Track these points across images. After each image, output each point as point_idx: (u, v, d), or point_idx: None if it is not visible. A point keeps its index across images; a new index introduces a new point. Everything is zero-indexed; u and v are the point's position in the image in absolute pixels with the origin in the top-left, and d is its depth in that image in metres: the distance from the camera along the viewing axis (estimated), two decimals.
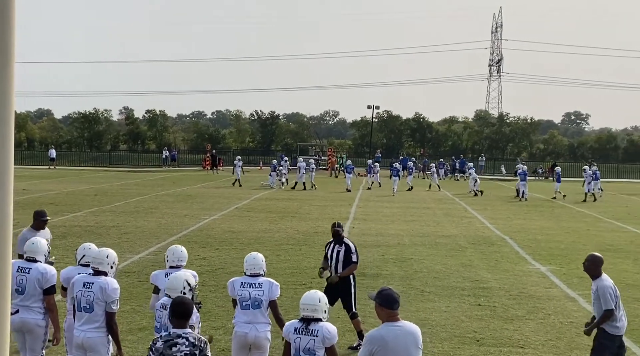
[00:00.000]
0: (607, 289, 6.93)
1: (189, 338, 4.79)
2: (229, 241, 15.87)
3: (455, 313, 10.28)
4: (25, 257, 6.71)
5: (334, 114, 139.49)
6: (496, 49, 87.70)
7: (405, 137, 78.38)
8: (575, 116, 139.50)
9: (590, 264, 7.18)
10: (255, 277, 6.63)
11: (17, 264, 6.56)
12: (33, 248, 6.72)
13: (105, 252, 6.54)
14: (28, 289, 6.51)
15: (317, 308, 5.34)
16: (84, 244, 7.31)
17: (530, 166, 58.44)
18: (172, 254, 6.96)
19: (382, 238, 17.71)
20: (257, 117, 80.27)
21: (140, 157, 63.03)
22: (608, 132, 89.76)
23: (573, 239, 18.29)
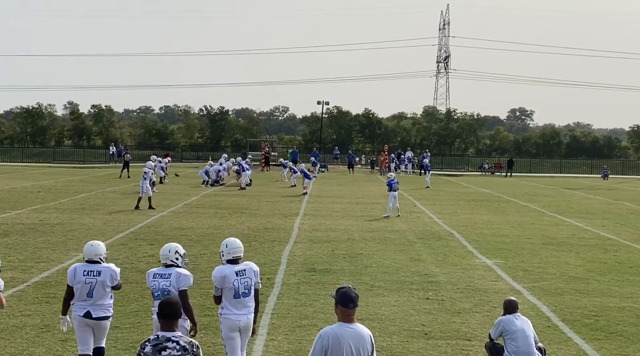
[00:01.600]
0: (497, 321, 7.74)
1: (179, 342, 4.57)
2: (178, 238, 15.67)
3: (404, 307, 10.42)
4: (87, 260, 7.08)
5: (284, 110, 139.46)
6: (444, 46, 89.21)
7: (355, 133, 78.89)
8: (520, 112, 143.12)
9: None
10: (168, 268, 6.80)
11: (83, 269, 7.00)
12: (95, 250, 7.09)
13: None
14: (97, 290, 6.95)
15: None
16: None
17: (477, 161, 59.70)
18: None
19: (332, 233, 17.79)
20: (206, 113, 79.49)
21: (85, 153, 61.61)
22: (552, 128, 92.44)
23: (518, 233, 18.76)
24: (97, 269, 6.97)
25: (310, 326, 9.15)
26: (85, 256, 7.11)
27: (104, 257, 7.11)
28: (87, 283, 6.91)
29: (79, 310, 6.95)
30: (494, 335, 7.68)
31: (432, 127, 79.22)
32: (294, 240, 16.51)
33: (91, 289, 6.91)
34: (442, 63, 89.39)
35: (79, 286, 6.94)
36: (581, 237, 18.31)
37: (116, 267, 7.14)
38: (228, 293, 6.76)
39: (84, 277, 6.92)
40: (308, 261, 13.91)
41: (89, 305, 6.92)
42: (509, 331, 7.49)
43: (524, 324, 7.56)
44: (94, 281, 6.91)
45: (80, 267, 7.02)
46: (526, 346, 7.40)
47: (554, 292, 11.66)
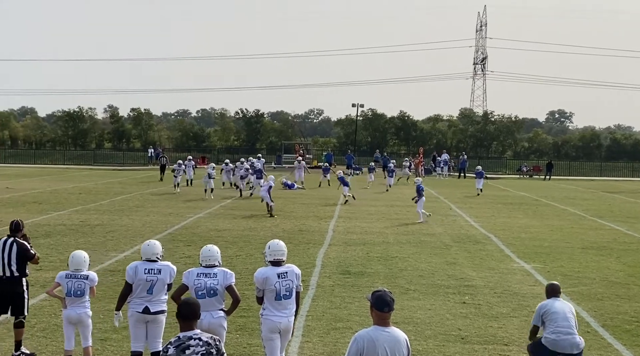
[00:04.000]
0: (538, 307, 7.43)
1: (201, 338, 4.64)
2: (214, 239, 15.83)
3: (440, 311, 10.33)
4: (146, 259, 7.29)
5: (319, 113, 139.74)
6: (481, 48, 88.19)
7: (390, 136, 78.56)
8: (559, 114, 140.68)
9: None
10: (210, 268, 6.95)
11: (143, 267, 7.21)
12: (152, 249, 7.31)
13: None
14: (157, 287, 7.18)
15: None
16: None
17: (515, 164, 58.88)
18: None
19: (367, 236, 17.75)
20: (242, 116, 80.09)
21: (125, 155, 62.67)
22: (591, 130, 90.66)
23: (557, 237, 18.44)
24: (157, 267, 7.24)
25: (345, 328, 9.15)
26: (143, 255, 7.34)
27: (160, 255, 7.37)
28: (148, 281, 7.17)
29: (137, 306, 7.18)
30: (535, 320, 7.32)
31: (469, 130, 78.39)
32: (329, 243, 16.52)
33: (152, 286, 7.16)
34: (479, 65, 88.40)
35: (140, 283, 7.17)
36: (622, 241, 17.91)
37: (173, 265, 7.37)
38: (269, 295, 6.84)
39: (146, 275, 7.17)
40: (343, 263, 13.91)
41: (147, 301, 7.16)
42: (549, 312, 7.16)
43: (565, 306, 7.24)
44: (155, 279, 7.16)
45: (140, 265, 7.24)
46: (567, 327, 7.05)
47: (593, 297, 11.44)
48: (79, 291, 7.48)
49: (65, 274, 7.57)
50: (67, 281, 7.50)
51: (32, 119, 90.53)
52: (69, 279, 7.51)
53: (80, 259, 7.68)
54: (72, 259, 7.70)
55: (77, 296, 7.48)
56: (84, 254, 7.80)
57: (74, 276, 7.52)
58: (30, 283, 11.54)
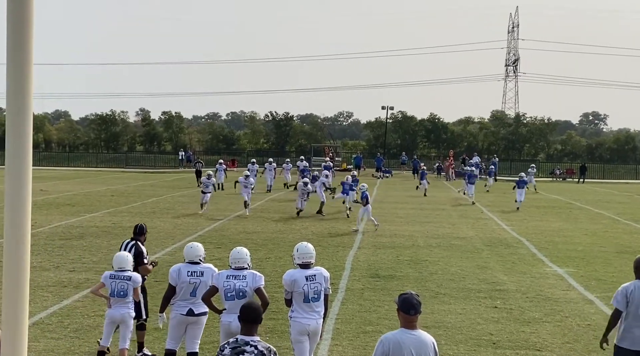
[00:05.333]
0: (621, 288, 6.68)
1: (257, 347, 4.62)
2: (243, 242, 15.90)
3: (471, 315, 10.22)
4: (189, 261, 7.40)
5: (348, 115, 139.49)
6: (512, 49, 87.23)
7: (420, 138, 78.12)
8: (593, 117, 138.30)
9: None
10: (240, 270, 6.97)
11: (187, 269, 7.31)
12: (195, 251, 7.41)
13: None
14: (200, 289, 7.20)
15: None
16: None
17: (547, 167, 58.09)
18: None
19: (396, 239, 17.65)
20: (271, 119, 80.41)
21: (156, 158, 63.40)
22: (626, 132, 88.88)
23: (591, 241, 18.12)
24: (200, 269, 7.32)
25: (375, 332, 9.09)
26: (186, 257, 7.43)
27: (203, 258, 7.46)
28: (191, 283, 7.25)
29: (181, 309, 7.27)
30: (619, 304, 6.56)
31: (500, 132, 77.54)
32: (358, 246, 16.47)
33: (195, 288, 7.23)
34: (511, 66, 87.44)
35: (183, 285, 7.25)
36: None
37: (215, 267, 7.43)
38: (298, 297, 6.85)
39: (189, 277, 7.25)
40: (372, 266, 13.85)
41: (191, 303, 7.24)
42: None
43: None
44: (198, 281, 7.23)
45: (184, 268, 7.34)
46: None
47: None
48: (122, 292, 7.56)
49: (110, 274, 7.66)
50: (111, 282, 7.59)
51: (65, 122, 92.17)
52: (113, 280, 7.60)
53: (123, 258, 7.77)
54: (115, 258, 7.81)
55: (120, 296, 7.56)
56: (126, 254, 7.92)
57: (118, 277, 7.61)
58: (63, 284, 11.78)
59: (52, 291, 11.28)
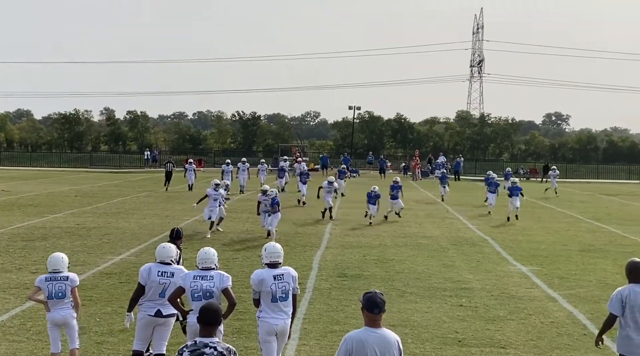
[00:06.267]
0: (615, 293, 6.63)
1: (217, 348, 4.59)
2: (211, 242, 15.80)
3: (437, 313, 10.32)
4: (160, 261, 7.33)
5: (315, 115, 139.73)
6: (477, 50, 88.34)
7: (387, 138, 78.64)
8: (556, 117, 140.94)
9: None
10: (207, 271, 6.94)
11: (157, 269, 7.24)
12: (167, 252, 7.37)
13: None
14: (170, 290, 7.13)
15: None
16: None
17: (512, 166, 58.98)
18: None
19: (363, 238, 17.73)
20: (238, 118, 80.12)
21: (121, 158, 62.58)
22: (588, 133, 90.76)
23: (554, 239, 18.45)
24: (170, 270, 7.25)
25: (342, 331, 9.10)
26: (157, 257, 7.36)
27: (174, 259, 7.40)
28: (161, 283, 7.17)
29: (149, 310, 7.19)
30: (614, 309, 6.51)
31: (466, 132, 78.50)
32: (325, 245, 16.50)
33: (164, 289, 7.16)
34: (475, 67, 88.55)
35: (152, 285, 7.17)
36: (619, 244, 17.92)
37: (185, 269, 7.35)
38: (266, 297, 6.85)
39: (159, 278, 7.19)
40: (339, 266, 13.89)
41: (160, 304, 7.17)
42: None
43: None
44: (167, 282, 7.18)
45: (154, 267, 7.26)
46: None
47: (590, 300, 11.43)
48: (60, 293, 7.35)
49: (45, 277, 7.43)
50: (47, 284, 7.37)
51: (28, 121, 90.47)
52: (49, 282, 7.37)
53: (57, 259, 7.52)
54: (49, 260, 7.58)
55: (58, 298, 7.35)
56: (61, 255, 7.66)
57: (54, 279, 7.39)
58: (25, 286, 11.54)
59: (14, 294, 11.06)
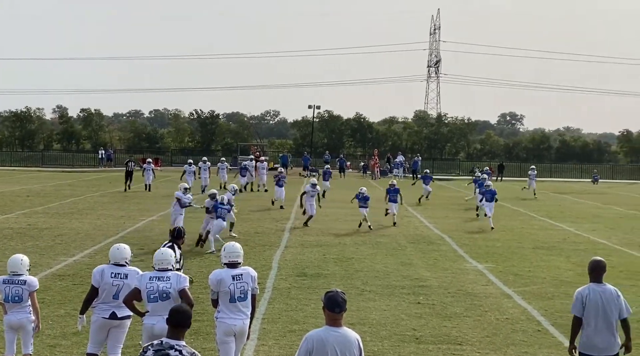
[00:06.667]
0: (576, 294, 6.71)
1: (182, 351, 4.52)
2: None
3: (395, 311, 10.39)
4: (114, 263, 7.19)
5: (275, 114, 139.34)
6: (434, 51, 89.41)
7: (346, 137, 78.96)
8: (510, 117, 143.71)
9: None
10: (163, 271, 6.84)
11: (110, 271, 7.10)
12: (121, 253, 7.19)
13: None
14: (123, 292, 7.00)
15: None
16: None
17: (468, 165, 59.88)
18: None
19: (323, 237, 17.75)
20: (196, 117, 79.32)
21: (74, 157, 61.29)
22: (541, 132, 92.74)
23: (508, 237, 18.79)
24: (124, 272, 7.11)
25: (301, 331, 9.09)
26: (111, 259, 7.21)
27: (129, 260, 7.25)
28: (114, 285, 7.03)
29: (103, 312, 7.04)
30: (577, 311, 6.61)
31: (423, 132, 79.39)
32: (285, 244, 16.46)
33: (118, 291, 7.02)
34: (432, 67, 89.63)
35: (105, 287, 7.03)
36: (572, 241, 18.36)
37: (140, 271, 7.22)
38: (224, 297, 6.78)
39: (112, 279, 7.05)
40: (299, 265, 13.88)
41: (114, 306, 7.02)
42: None
43: None
44: (121, 283, 7.05)
45: (108, 269, 7.12)
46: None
47: (544, 296, 11.67)
48: (16, 297, 7.15)
49: (3, 279, 7.23)
50: (5, 287, 7.17)
51: None
52: (7, 285, 7.17)
53: (16, 261, 7.30)
54: (8, 262, 7.37)
55: (15, 301, 7.16)
56: (21, 257, 7.43)
57: (12, 282, 7.19)
58: None
59: None
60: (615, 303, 6.47)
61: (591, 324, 6.49)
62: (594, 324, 6.47)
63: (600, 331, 6.45)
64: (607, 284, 6.61)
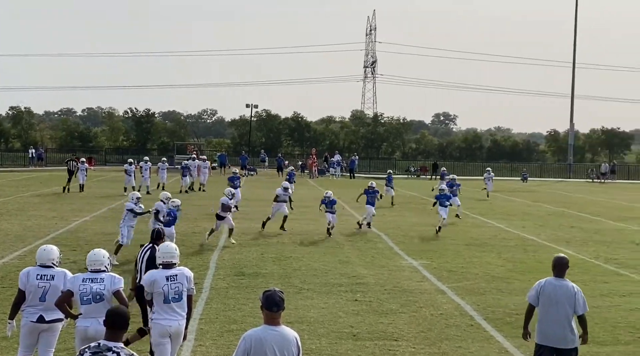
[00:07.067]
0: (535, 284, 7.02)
1: (120, 354, 4.45)
2: (102, 244, 15.24)
3: (333, 309, 10.51)
4: (41, 264, 6.96)
5: (212, 113, 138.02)
6: (371, 51, 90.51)
7: (284, 137, 78.97)
8: (444, 117, 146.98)
9: None
10: (97, 273, 6.75)
11: (36, 272, 6.89)
12: (47, 254, 7.01)
13: None
14: (50, 294, 6.84)
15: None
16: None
17: (403, 164, 60.89)
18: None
19: (261, 237, 17.73)
20: (131, 115, 77.68)
21: (3, 156, 58.96)
22: (474, 132, 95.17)
23: (442, 234, 19.22)
24: (51, 273, 6.92)
25: (239, 330, 9.08)
26: (37, 260, 7.01)
27: (56, 261, 7.05)
28: (40, 287, 6.84)
29: (31, 316, 6.84)
30: (531, 299, 6.93)
31: (360, 131, 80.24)
32: (223, 244, 16.35)
33: (44, 293, 6.82)
34: (369, 68, 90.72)
35: (31, 289, 6.83)
36: (502, 238, 18.96)
37: (69, 272, 7.05)
38: (158, 298, 6.71)
39: (38, 281, 6.85)
40: (237, 265, 13.83)
41: (42, 310, 6.82)
42: None
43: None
44: (47, 285, 6.86)
45: (33, 271, 6.92)
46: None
47: (476, 292, 12.03)
48: None
49: None
50: None
51: None
52: None
53: None
54: None
55: None
56: None
57: None
58: None
59: None
60: (571, 298, 6.72)
61: (544, 315, 6.80)
62: (547, 315, 6.78)
63: (552, 322, 6.74)
64: (567, 280, 6.87)
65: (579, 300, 6.72)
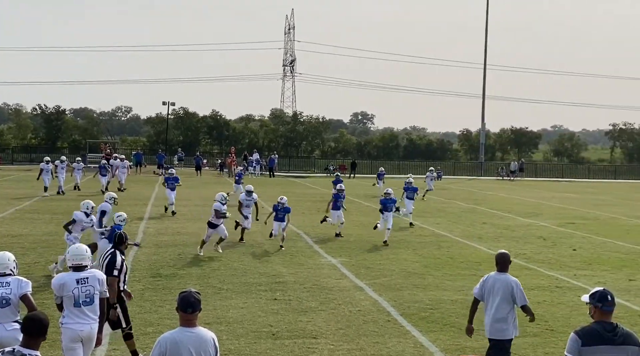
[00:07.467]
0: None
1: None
2: (8, 246, 14.55)
3: (252, 308, 10.46)
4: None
5: (127, 110, 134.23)
6: (289, 50, 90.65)
7: (203, 135, 77.90)
8: (362, 116, 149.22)
9: None
10: (3, 277, 6.47)
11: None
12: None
13: None
14: None
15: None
16: None
17: (323, 163, 61.35)
18: None
19: (179, 237, 17.42)
20: (40, 112, 74.54)
21: None
22: (390, 131, 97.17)
23: (361, 232, 19.52)
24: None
25: (156, 333, 8.89)
26: None
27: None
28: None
29: None
30: (476, 293, 7.27)
31: (280, 130, 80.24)
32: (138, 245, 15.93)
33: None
34: (288, 66, 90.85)
35: None
36: (418, 234, 19.44)
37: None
38: (68, 302, 6.48)
39: None
40: (153, 266, 13.53)
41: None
42: None
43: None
44: None
45: None
46: None
47: (393, 287, 12.28)
48: None
49: None
50: None
51: None
52: None
53: None
54: None
55: None
56: None
57: None
58: None
59: None
60: (510, 291, 7.05)
61: (488, 308, 7.14)
62: (490, 308, 7.12)
63: (494, 314, 7.07)
64: (508, 274, 7.20)
65: (517, 293, 7.08)
